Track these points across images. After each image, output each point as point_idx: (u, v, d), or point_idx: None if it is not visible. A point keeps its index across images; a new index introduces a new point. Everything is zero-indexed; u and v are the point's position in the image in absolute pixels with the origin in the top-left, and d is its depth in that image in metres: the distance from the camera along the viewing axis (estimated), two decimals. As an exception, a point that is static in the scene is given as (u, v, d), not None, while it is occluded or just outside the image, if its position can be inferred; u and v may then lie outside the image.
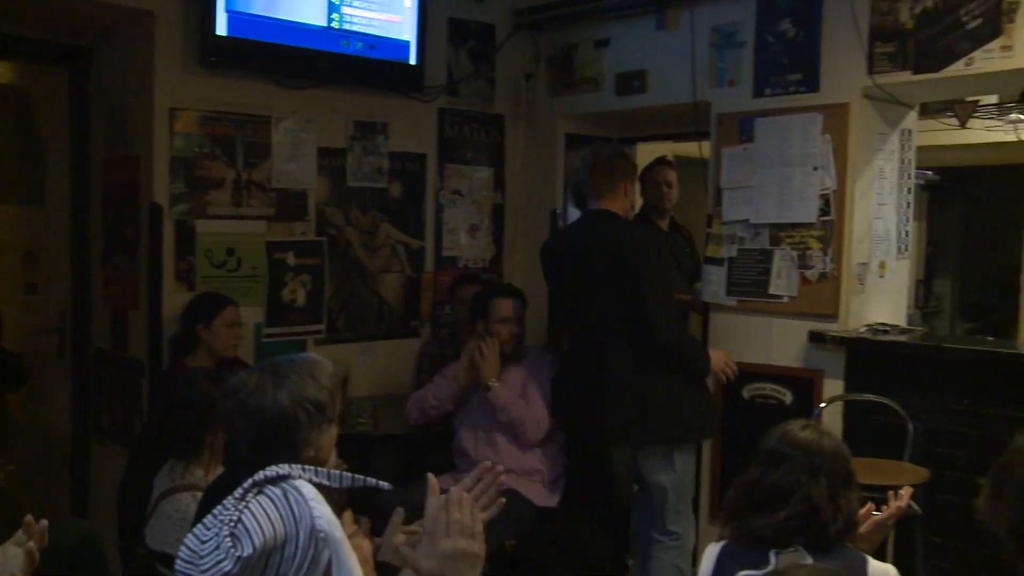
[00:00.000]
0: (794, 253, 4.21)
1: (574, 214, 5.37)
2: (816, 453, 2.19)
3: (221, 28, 4.07)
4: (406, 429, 4.24)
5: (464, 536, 1.72)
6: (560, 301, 4.31)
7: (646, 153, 5.57)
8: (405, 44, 4.68)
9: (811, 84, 4.17)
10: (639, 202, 5.05)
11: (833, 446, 2.23)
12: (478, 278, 5.01)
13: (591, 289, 3.80)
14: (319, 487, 1.88)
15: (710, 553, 2.27)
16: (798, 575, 1.13)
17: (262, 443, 1.97)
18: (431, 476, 1.82)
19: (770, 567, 2.08)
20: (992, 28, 3.66)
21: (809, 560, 2.09)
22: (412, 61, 4.72)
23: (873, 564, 2.18)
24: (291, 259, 4.54)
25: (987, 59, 3.68)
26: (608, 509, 4.13)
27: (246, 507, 1.78)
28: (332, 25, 4.40)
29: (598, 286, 3.77)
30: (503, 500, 1.87)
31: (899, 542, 3.63)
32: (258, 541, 1.72)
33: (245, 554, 1.70)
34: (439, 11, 4.92)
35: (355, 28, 4.48)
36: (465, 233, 5.24)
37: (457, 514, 1.73)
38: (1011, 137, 5.67)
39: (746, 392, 4.42)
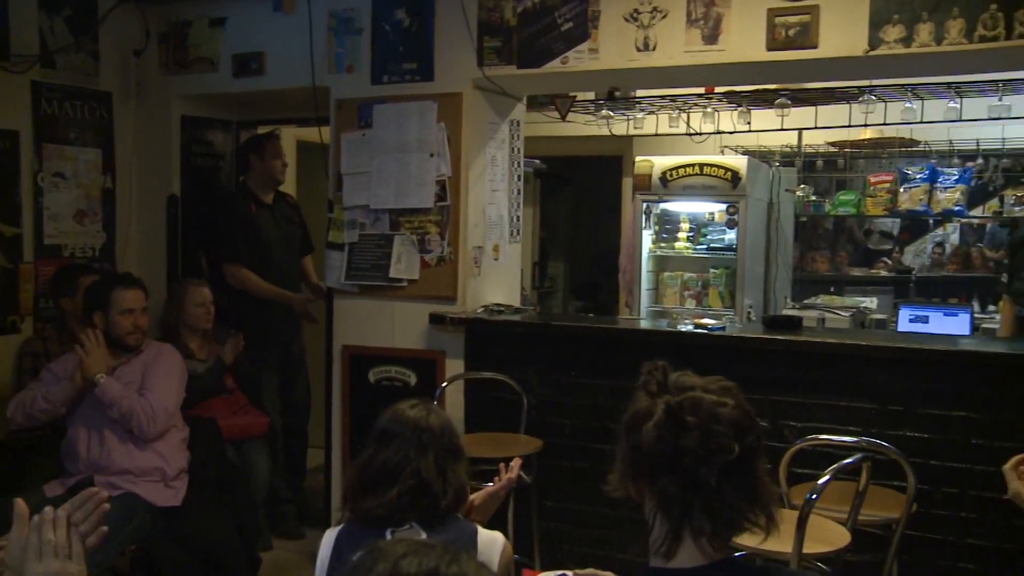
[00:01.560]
0: (414, 238, 4.37)
1: (194, 200, 5.25)
2: (424, 429, 2.28)
3: None
4: (6, 435, 3.88)
5: (60, 558, 1.58)
6: None
7: (268, 137, 5.52)
8: (-19, 4, 4.23)
9: (426, 73, 4.35)
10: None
11: (440, 422, 2.33)
12: (91, 267, 4.69)
13: None
14: None
15: (327, 538, 2.30)
16: (395, 549, 1.17)
17: None
18: (19, 501, 1.67)
19: None
20: (581, 32, 4.05)
21: (423, 535, 2.17)
22: (-9, 25, 4.29)
23: (483, 533, 2.32)
24: None
25: (579, 59, 4.07)
26: (235, 501, 4.06)
27: None
28: None
29: None
30: (105, 529, 1.74)
31: (517, 507, 3.88)
32: None
33: None
34: (25, -27, 4.53)
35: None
36: (71, 219, 4.87)
37: (50, 534, 1.59)
38: (604, 131, 6.27)
39: (372, 376, 4.54)
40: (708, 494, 1.54)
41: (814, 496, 2.63)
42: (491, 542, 2.29)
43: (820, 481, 2.69)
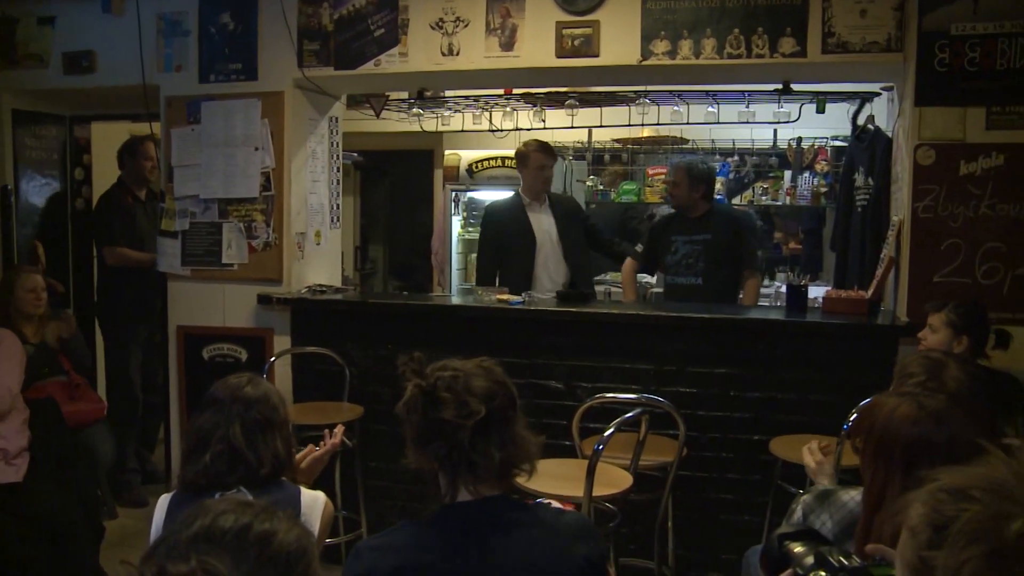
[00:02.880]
0: (241, 225, 4.24)
1: (28, 191, 4.91)
2: (237, 400, 2.17)
3: None
4: None
5: None
6: None
7: (101, 132, 5.26)
8: None
9: (250, 73, 4.22)
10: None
11: (257, 393, 2.21)
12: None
13: None
14: None
15: (161, 503, 2.18)
16: (217, 507, 1.14)
17: None
18: None
19: None
20: (392, 37, 4.01)
21: (249, 498, 2.08)
22: None
23: (305, 493, 2.24)
24: None
25: (390, 62, 4.03)
26: (76, 476, 3.81)
27: None
28: None
29: None
30: None
31: (344, 469, 3.82)
32: None
33: None
34: None
35: None
36: (-101, 211, 4.41)
37: None
38: (416, 127, 6.21)
39: (206, 353, 4.38)
40: (468, 452, 1.68)
41: (601, 447, 2.70)
42: (312, 501, 2.22)
43: (606, 433, 2.75)
